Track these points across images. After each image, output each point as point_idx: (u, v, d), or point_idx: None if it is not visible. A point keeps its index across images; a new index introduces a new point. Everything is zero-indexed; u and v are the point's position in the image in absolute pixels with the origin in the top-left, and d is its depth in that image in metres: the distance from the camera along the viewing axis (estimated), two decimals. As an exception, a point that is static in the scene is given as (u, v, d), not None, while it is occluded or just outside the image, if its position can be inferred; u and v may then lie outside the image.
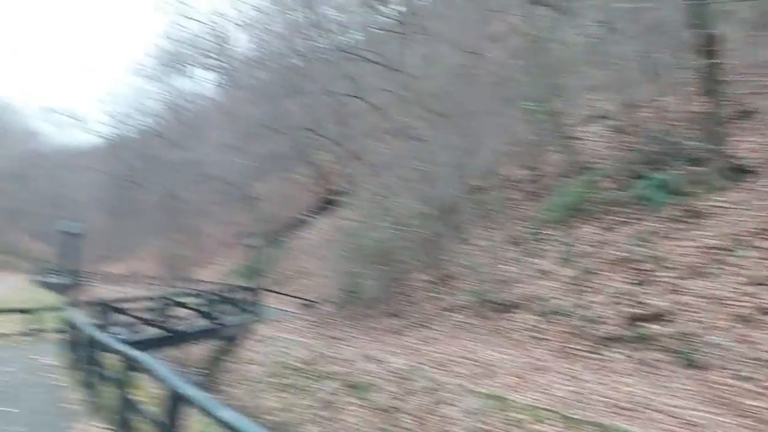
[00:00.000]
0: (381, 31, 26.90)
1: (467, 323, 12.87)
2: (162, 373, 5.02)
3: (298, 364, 14.56)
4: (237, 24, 48.62)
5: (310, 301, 21.69)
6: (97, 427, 7.29)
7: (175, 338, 17.43)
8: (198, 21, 49.22)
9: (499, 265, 12.74)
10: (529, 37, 14.19)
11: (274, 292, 25.09)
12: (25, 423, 7.29)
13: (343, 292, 17.90)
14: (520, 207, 14.42)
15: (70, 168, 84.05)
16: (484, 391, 9.99)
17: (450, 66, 16.46)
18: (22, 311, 17.99)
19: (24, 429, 7.02)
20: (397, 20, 24.88)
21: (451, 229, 13.52)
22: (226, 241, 45.54)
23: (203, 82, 59.23)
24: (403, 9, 25.06)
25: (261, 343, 17.78)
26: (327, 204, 31.34)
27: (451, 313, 13.42)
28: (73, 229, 14.14)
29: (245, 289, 21.72)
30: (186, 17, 49.21)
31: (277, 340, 17.10)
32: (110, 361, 10.08)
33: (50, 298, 37.11)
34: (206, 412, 4.20)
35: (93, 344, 8.51)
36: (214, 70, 51.89)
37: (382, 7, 25.92)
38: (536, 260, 12.72)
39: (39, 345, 14.96)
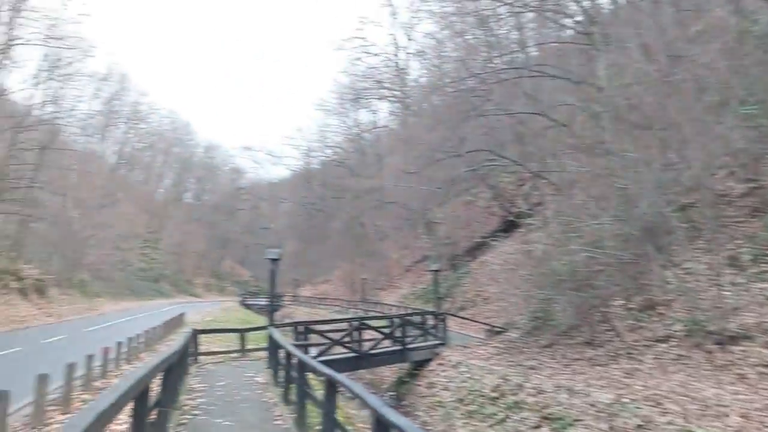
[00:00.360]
0: (560, 44, 25.91)
1: (679, 355, 11.50)
2: (368, 399, 4.96)
3: (488, 392, 14.10)
4: (411, 53, 50.29)
5: (496, 327, 21.11)
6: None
7: (364, 360, 17.92)
8: (374, 54, 51.62)
9: (717, 291, 11.25)
10: (741, 34, 12.59)
11: (459, 317, 24.88)
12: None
13: (531, 318, 17.13)
14: (739, 225, 12.70)
15: (267, 199, 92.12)
16: (706, 433, 8.79)
17: (644, 73, 15.18)
18: (233, 331, 19.67)
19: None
20: (577, 31, 23.79)
21: (655, 250, 12.27)
22: (407, 265, 46.55)
23: (381, 112, 61.86)
24: (580, 19, 23.87)
25: (448, 368, 17.61)
26: (508, 226, 30.62)
27: (659, 344, 12.10)
28: (274, 255, 15.14)
29: (430, 313, 21.75)
30: (364, 52, 51.80)
31: (465, 365, 16.79)
32: (313, 380, 10.53)
33: (255, 318, 40.63)
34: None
35: (298, 365, 8.87)
36: (390, 100, 53.90)
37: (559, 21, 24.95)
38: (765, 285, 11.05)
39: (248, 362, 16.17)
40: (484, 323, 22.92)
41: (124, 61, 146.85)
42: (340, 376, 6.20)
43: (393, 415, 4.66)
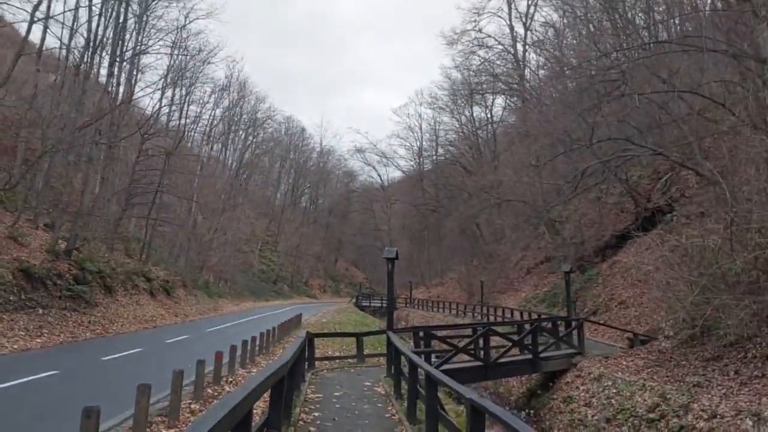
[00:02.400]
0: (705, 15, 22.90)
1: None
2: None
3: (643, 412, 12.05)
4: (528, 44, 47.75)
5: (640, 335, 18.70)
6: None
7: (491, 370, 16.30)
8: (488, 47, 49.57)
9: None
10: None
11: (596, 323, 22.51)
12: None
13: (688, 326, 14.74)
14: None
15: (380, 201, 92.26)
16: None
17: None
18: (349, 335, 18.79)
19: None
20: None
21: None
22: (527, 267, 44.09)
23: (496, 107, 59.50)
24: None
25: (588, 381, 15.60)
26: (643, 224, 27.68)
27: None
28: (391, 254, 13.96)
29: (564, 318, 19.71)
30: (478, 45, 49.89)
31: (609, 378, 14.74)
32: (441, 395, 9.15)
33: (369, 320, 40.03)
34: None
35: (426, 379, 7.54)
36: (507, 94, 51.54)
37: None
38: None
39: (365, 369, 15.13)
40: (624, 330, 20.49)
41: (244, 66, 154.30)
42: (492, 404, 4.77)
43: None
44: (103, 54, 30.61)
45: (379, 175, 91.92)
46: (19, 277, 20.58)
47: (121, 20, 30.41)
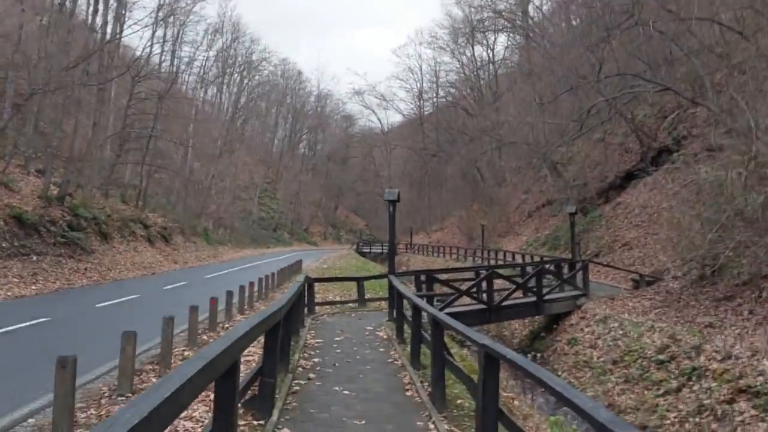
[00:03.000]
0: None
1: None
2: (583, 403, 2.99)
3: (652, 354, 11.73)
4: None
5: (646, 275, 18.35)
6: None
7: (494, 312, 15.99)
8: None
9: None
10: None
11: (601, 264, 22.17)
12: (373, 413, 6.09)
13: (698, 266, 14.33)
14: None
15: (379, 146, 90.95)
16: None
17: None
18: (350, 279, 18.46)
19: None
20: None
21: None
22: (528, 210, 43.66)
23: (498, 46, 57.82)
24: None
25: (593, 323, 15.31)
26: (650, 163, 27.03)
27: None
28: (392, 197, 13.38)
29: (567, 260, 19.32)
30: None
31: (615, 320, 14.44)
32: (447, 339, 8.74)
33: (370, 265, 39.82)
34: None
35: (432, 323, 7.09)
36: (510, 32, 49.90)
37: None
38: None
39: (366, 313, 14.80)
40: (629, 271, 20.15)
41: (236, 5, 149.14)
42: (508, 350, 4.28)
43: (581, 399, 2.82)
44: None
45: (378, 119, 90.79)
46: (11, 224, 20.13)
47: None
